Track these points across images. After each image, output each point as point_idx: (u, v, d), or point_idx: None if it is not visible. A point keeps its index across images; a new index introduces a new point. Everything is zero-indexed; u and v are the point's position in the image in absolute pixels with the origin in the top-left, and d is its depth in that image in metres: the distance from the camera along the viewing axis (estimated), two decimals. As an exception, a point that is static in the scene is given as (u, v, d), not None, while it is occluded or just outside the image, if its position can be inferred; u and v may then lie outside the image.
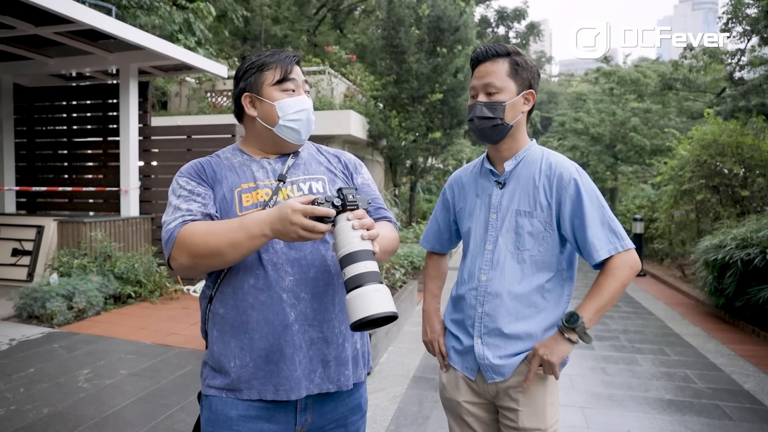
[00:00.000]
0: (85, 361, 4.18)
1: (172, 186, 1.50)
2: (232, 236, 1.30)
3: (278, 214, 1.25)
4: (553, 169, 1.61)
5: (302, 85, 1.53)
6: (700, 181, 8.57)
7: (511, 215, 1.62)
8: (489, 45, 1.64)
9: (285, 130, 1.50)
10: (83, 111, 7.74)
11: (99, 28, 5.49)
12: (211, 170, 1.49)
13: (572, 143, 22.60)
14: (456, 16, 12.79)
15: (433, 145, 13.29)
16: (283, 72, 1.49)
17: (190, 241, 1.33)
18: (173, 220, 1.39)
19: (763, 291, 5.51)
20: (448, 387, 1.76)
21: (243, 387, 1.42)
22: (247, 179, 1.48)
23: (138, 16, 10.41)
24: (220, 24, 15.04)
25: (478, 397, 1.70)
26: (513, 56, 1.61)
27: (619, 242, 1.56)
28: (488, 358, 1.62)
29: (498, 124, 1.60)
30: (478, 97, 1.62)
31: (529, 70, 1.63)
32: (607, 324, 6.20)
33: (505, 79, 1.59)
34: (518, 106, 1.61)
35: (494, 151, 1.69)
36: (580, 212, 1.56)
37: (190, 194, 1.43)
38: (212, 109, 11.95)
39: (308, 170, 1.56)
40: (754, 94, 8.52)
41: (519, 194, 1.63)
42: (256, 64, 1.50)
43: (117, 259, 6.07)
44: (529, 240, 1.60)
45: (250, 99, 1.52)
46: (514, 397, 1.62)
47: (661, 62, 20.24)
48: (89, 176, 7.65)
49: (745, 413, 3.72)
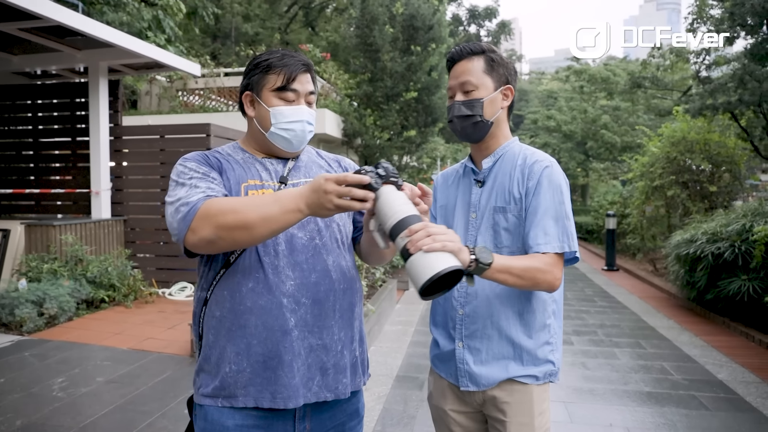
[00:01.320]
0: (59, 369, 4.05)
1: (177, 171, 1.41)
2: (266, 210, 1.23)
3: (312, 185, 1.22)
4: (528, 161, 1.58)
5: (305, 95, 1.48)
6: (671, 177, 8.78)
7: (488, 213, 1.60)
8: (463, 44, 1.62)
9: (276, 138, 1.47)
10: (50, 110, 7.50)
11: (67, 24, 5.31)
12: (216, 161, 1.45)
13: (544, 140, 22.94)
14: (430, 15, 12.80)
15: (408, 144, 13.29)
16: (285, 79, 1.44)
17: (218, 209, 1.25)
18: (193, 194, 1.30)
19: (732, 283, 5.68)
20: (434, 394, 1.72)
21: (239, 393, 1.38)
22: (253, 176, 1.45)
23: (105, 13, 10.13)
24: (190, 21, 14.78)
25: (465, 406, 1.65)
26: (488, 53, 1.60)
27: (559, 242, 1.49)
28: (468, 363, 1.58)
29: (478, 121, 1.57)
30: (456, 97, 1.60)
31: (505, 66, 1.61)
32: (584, 319, 6.30)
33: (481, 76, 1.57)
34: (497, 102, 1.60)
35: (476, 149, 1.67)
36: (537, 200, 1.51)
37: (205, 176, 1.37)
38: (184, 108, 11.72)
39: (309, 173, 1.53)
40: (720, 93, 8.76)
41: (496, 191, 1.60)
42: (262, 65, 1.46)
43: (89, 263, 5.90)
44: (506, 236, 1.56)
45: (250, 98, 1.50)
46: (501, 408, 1.57)
47: (629, 61, 20.67)
48: (57, 177, 7.42)
49: (721, 402, 3.82)
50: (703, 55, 11.35)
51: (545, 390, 1.61)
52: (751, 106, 8.68)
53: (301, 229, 1.42)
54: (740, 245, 5.70)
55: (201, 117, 10.21)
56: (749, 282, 5.53)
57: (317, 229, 1.44)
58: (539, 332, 1.58)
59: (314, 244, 1.42)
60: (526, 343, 1.57)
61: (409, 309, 6.33)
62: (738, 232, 5.79)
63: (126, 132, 7.18)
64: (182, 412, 3.26)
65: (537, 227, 1.50)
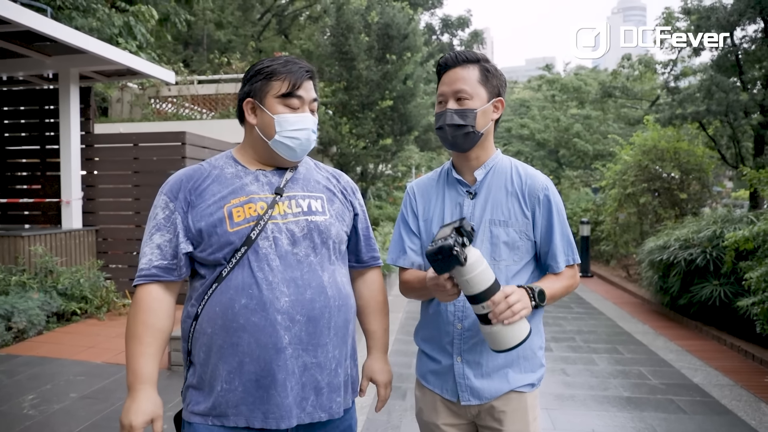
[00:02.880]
0: (29, 386, 3.90)
1: (154, 203, 1.44)
2: (128, 357, 1.37)
3: (128, 407, 1.33)
4: (524, 179, 1.61)
5: (309, 102, 1.46)
6: (643, 185, 8.97)
7: (485, 225, 1.58)
8: (458, 51, 1.60)
9: (280, 146, 1.44)
10: (17, 117, 7.30)
11: (37, 29, 5.18)
12: (194, 184, 1.43)
13: (517, 148, 23.24)
14: (405, 24, 12.91)
15: (384, 152, 13.34)
16: (290, 86, 1.42)
17: (132, 310, 1.39)
18: (144, 259, 1.41)
19: (704, 288, 5.80)
20: (425, 410, 1.68)
21: (230, 412, 1.34)
22: (237, 193, 1.41)
23: (74, 18, 9.90)
24: (162, 28, 14.53)
25: (458, 419, 1.63)
26: (483, 63, 1.58)
27: (572, 255, 1.62)
28: (469, 377, 1.57)
29: (470, 132, 1.55)
30: (448, 104, 1.56)
31: (498, 78, 1.60)
32: (562, 325, 6.36)
33: (476, 86, 1.55)
34: (488, 113, 1.58)
35: (463, 159, 1.64)
36: (550, 223, 1.58)
37: (165, 223, 1.41)
38: (157, 116, 11.53)
39: (307, 186, 1.50)
40: (689, 103, 9.02)
41: (492, 204, 1.60)
42: (265, 71, 1.43)
43: (60, 275, 5.73)
44: (504, 249, 1.57)
45: (252, 105, 1.46)
46: (498, 417, 1.57)
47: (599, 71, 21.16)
48: (25, 187, 7.21)
49: (697, 406, 3.89)
50: (670, 66, 11.70)
51: (537, 396, 1.63)
52: (718, 116, 8.95)
53: (296, 245, 1.39)
54: (711, 251, 5.83)
55: (174, 125, 10.06)
56: (720, 287, 5.66)
57: (312, 245, 1.42)
58: (534, 336, 1.59)
59: (309, 260, 1.40)
60: (524, 350, 1.58)
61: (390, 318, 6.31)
62: (709, 238, 5.93)
63: (98, 140, 7.01)
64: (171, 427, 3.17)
65: (555, 247, 1.59)
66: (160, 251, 1.39)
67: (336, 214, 1.50)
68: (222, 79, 12.01)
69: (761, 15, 8.68)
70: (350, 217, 1.57)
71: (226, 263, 1.36)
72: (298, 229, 1.41)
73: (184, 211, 1.40)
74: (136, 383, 1.34)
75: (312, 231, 1.42)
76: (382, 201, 19.10)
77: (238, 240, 1.36)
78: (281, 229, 1.39)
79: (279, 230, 1.39)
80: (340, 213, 1.52)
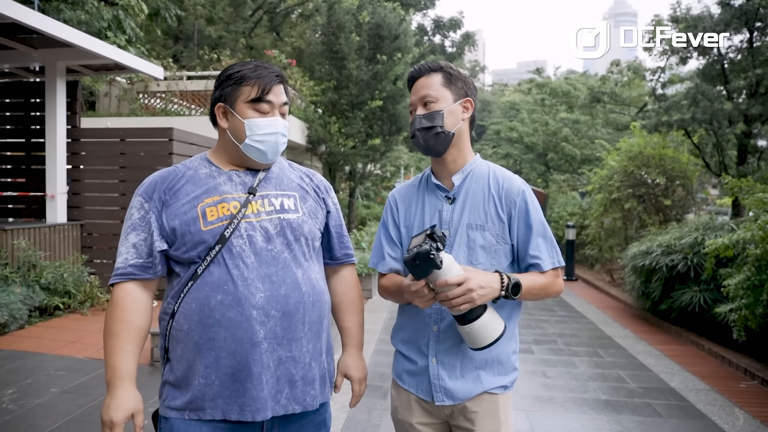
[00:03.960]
0: (9, 380, 3.88)
1: (130, 203, 1.47)
2: (107, 354, 1.39)
3: (108, 404, 1.35)
4: (501, 183, 1.64)
5: (279, 106, 1.49)
6: (628, 190, 9.08)
7: (462, 229, 1.62)
8: (422, 63, 1.68)
9: (251, 150, 1.47)
10: (2, 110, 7.21)
11: (23, 22, 5.13)
12: (168, 184, 1.46)
13: (506, 151, 23.39)
14: (396, 24, 12.93)
15: (373, 152, 13.36)
16: (260, 91, 1.45)
17: (112, 306, 1.43)
18: (120, 258, 1.45)
19: (685, 294, 5.90)
20: (400, 409, 1.72)
21: (207, 406, 1.37)
22: (211, 193, 1.44)
23: (62, 10, 9.81)
24: (152, 22, 14.45)
25: (432, 418, 1.67)
26: (446, 69, 1.65)
27: (557, 258, 1.64)
28: (443, 378, 1.60)
29: (439, 132, 1.59)
30: (417, 111, 1.63)
31: (464, 80, 1.66)
32: (544, 328, 6.43)
33: (439, 89, 1.61)
34: (457, 113, 1.62)
35: (440, 164, 1.68)
36: (528, 225, 1.61)
37: (140, 222, 1.44)
38: (145, 111, 11.44)
39: (280, 185, 1.53)
40: (675, 110, 9.14)
41: (469, 208, 1.63)
42: (235, 76, 1.46)
43: (43, 269, 5.70)
44: (481, 253, 1.60)
45: (223, 110, 1.49)
46: (470, 418, 1.60)
47: (588, 76, 21.33)
48: (9, 180, 7.14)
49: (673, 410, 3.96)
50: (658, 73, 11.82)
51: (509, 397, 1.67)
52: (703, 124, 9.07)
53: (270, 242, 1.42)
54: (692, 258, 5.92)
55: (163, 120, 9.99)
56: (700, 293, 5.76)
57: (286, 243, 1.45)
58: (509, 341, 1.63)
59: (284, 257, 1.43)
60: (498, 354, 1.61)
61: (373, 318, 6.33)
62: (690, 245, 6.03)
63: (84, 134, 6.97)
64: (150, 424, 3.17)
65: (535, 249, 1.61)
66: (135, 250, 1.42)
67: (309, 211, 1.53)
68: (211, 75, 11.93)
69: (746, 26, 8.82)
70: (323, 214, 1.61)
71: (201, 261, 1.39)
72: (271, 227, 1.44)
73: (158, 211, 1.42)
74: (115, 380, 1.36)
75: (285, 228, 1.45)
76: (370, 201, 19.14)
77: (212, 238, 1.39)
78: (255, 227, 1.42)
79: (253, 228, 1.42)
80: (312, 210, 1.55)
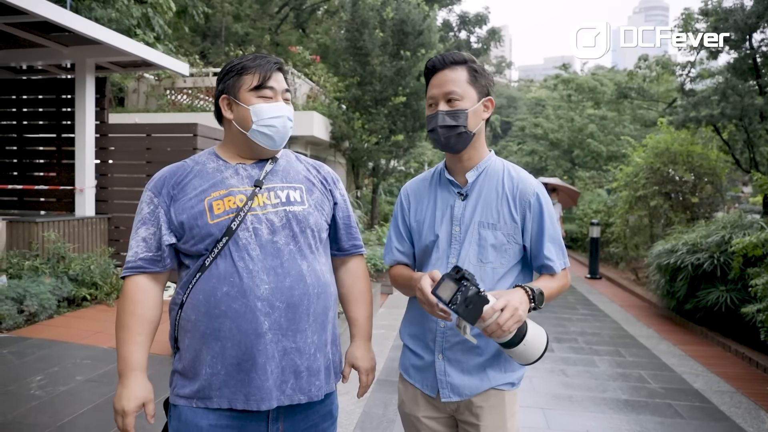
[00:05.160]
0: (38, 367, 4.01)
1: (141, 198, 1.51)
2: (118, 345, 1.43)
3: (120, 393, 1.41)
4: (516, 182, 1.62)
5: (282, 93, 1.51)
6: (654, 187, 8.90)
7: (473, 227, 1.60)
8: (444, 54, 1.61)
9: (258, 136, 1.49)
10: (35, 106, 7.42)
11: (54, 20, 5.28)
12: (176, 180, 1.49)
13: (531, 147, 23.13)
14: (420, 20, 12.88)
15: (396, 148, 13.35)
16: (261, 78, 1.47)
17: (123, 299, 1.46)
18: (131, 252, 1.48)
19: (711, 294, 5.77)
20: (406, 402, 1.72)
21: (213, 395, 1.40)
22: (218, 187, 1.47)
23: (93, 9, 10.03)
24: (180, 20, 14.66)
25: (438, 412, 1.67)
26: (470, 63, 1.59)
27: (564, 259, 1.65)
28: (449, 374, 1.60)
29: (462, 132, 1.56)
30: (439, 106, 1.57)
31: (486, 77, 1.62)
32: (565, 326, 6.36)
33: (465, 87, 1.57)
34: (479, 113, 1.59)
35: (455, 160, 1.66)
36: (541, 227, 1.60)
37: (149, 217, 1.47)
38: (172, 107, 11.67)
39: (286, 178, 1.54)
40: (704, 106, 8.91)
41: (482, 206, 1.61)
42: (236, 68, 1.49)
43: (71, 261, 5.86)
44: (492, 252, 1.59)
45: (227, 102, 1.52)
46: (475, 412, 1.60)
47: (617, 71, 20.93)
48: (41, 174, 7.35)
49: (695, 411, 3.88)
50: (688, 68, 11.55)
51: (516, 394, 1.66)
52: (732, 119, 8.84)
53: (276, 234, 1.44)
54: (719, 256, 5.79)
55: (188, 116, 10.17)
56: (727, 293, 5.62)
57: (292, 235, 1.46)
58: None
59: (289, 249, 1.45)
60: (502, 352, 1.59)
61: (393, 313, 6.35)
62: (717, 243, 5.89)
63: (112, 130, 7.13)
64: (161, 412, 3.25)
65: (548, 251, 1.61)
66: (145, 244, 1.46)
67: (315, 203, 1.55)
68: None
69: (781, 18, 8.55)
70: (330, 206, 1.62)
71: (208, 253, 1.42)
72: (277, 219, 1.46)
73: (167, 205, 1.46)
74: (127, 370, 1.41)
75: (290, 220, 1.47)
76: (393, 197, 19.15)
77: (218, 231, 1.41)
78: (261, 220, 1.44)
79: (258, 221, 1.44)
80: (319, 202, 1.56)
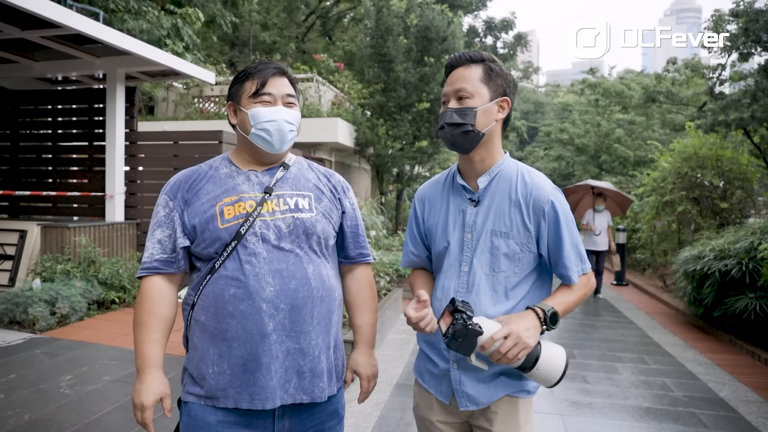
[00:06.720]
0: (67, 367, 4.16)
1: (158, 199, 1.58)
2: (136, 343, 1.52)
3: (139, 389, 1.48)
4: (529, 188, 1.55)
5: (282, 97, 1.55)
6: (681, 192, 8.72)
7: (486, 235, 1.55)
8: (464, 52, 1.58)
9: (257, 139, 1.54)
10: (69, 115, 7.70)
11: (86, 33, 5.48)
12: (191, 184, 1.55)
13: (558, 153, 22.86)
14: (444, 27, 12.92)
15: (420, 154, 13.36)
16: (259, 83, 1.53)
17: (140, 299, 1.53)
18: (146, 253, 1.55)
19: (739, 301, 5.63)
20: (421, 405, 1.71)
21: (219, 394, 1.46)
22: (229, 192, 1.52)
23: (126, 21, 10.36)
24: (208, 29, 15.03)
25: (453, 417, 1.64)
26: (487, 62, 1.55)
27: (582, 265, 1.58)
28: (465, 384, 1.56)
29: (468, 131, 1.51)
30: (449, 104, 1.55)
31: (504, 78, 1.56)
32: (588, 332, 6.29)
33: (477, 84, 1.52)
34: (491, 113, 1.53)
35: (467, 162, 1.61)
36: (558, 235, 1.54)
37: (165, 220, 1.54)
38: (199, 115, 11.93)
39: (296, 185, 1.59)
40: (733, 109, 8.70)
41: (494, 213, 1.56)
42: (240, 76, 1.57)
43: (101, 265, 6.04)
44: (504, 261, 1.54)
45: (233, 108, 1.59)
46: (489, 418, 1.57)
47: (646, 75, 20.58)
48: (74, 181, 7.60)
49: (720, 421, 3.80)
50: (719, 71, 11.28)
51: (531, 402, 1.64)
52: (763, 122, 8.61)
53: (283, 240, 1.49)
54: (748, 263, 5.65)
55: (215, 124, 10.39)
56: (756, 300, 5.48)
57: (298, 241, 1.51)
58: None
59: (295, 254, 1.49)
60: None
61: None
62: (746, 249, 5.75)
63: (141, 137, 7.34)
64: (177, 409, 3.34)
65: (567, 259, 1.55)
66: (160, 246, 1.53)
67: (323, 211, 1.58)
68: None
69: (815, 19, 8.31)
70: (338, 214, 1.65)
71: (218, 257, 1.48)
72: (284, 226, 1.51)
73: (181, 209, 1.53)
74: (144, 366, 1.48)
75: (298, 227, 1.52)
76: (418, 203, 19.12)
77: (228, 235, 1.47)
78: (269, 226, 1.49)
79: (267, 227, 1.49)
80: (327, 211, 1.60)
